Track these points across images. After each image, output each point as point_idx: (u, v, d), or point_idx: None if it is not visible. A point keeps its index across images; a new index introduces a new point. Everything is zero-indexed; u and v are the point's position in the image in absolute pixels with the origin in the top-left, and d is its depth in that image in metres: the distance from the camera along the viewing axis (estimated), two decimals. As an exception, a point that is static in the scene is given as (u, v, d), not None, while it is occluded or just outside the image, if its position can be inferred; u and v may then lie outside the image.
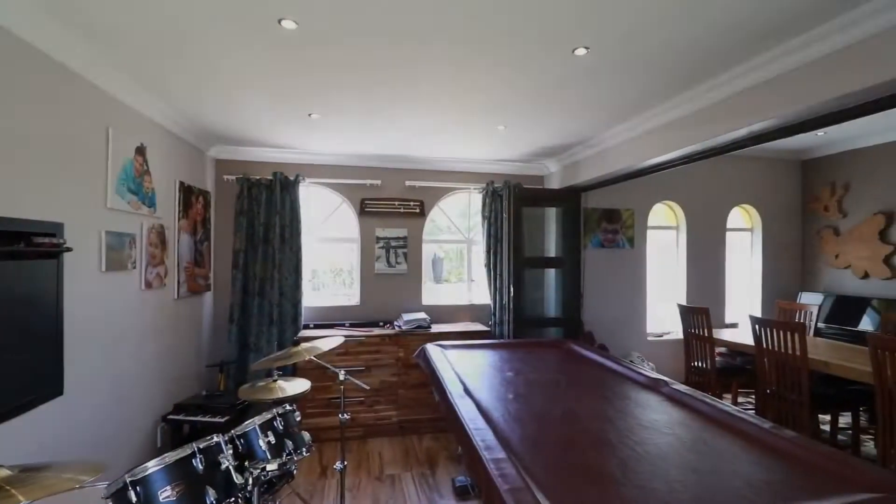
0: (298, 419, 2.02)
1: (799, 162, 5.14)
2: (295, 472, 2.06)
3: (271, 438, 1.79)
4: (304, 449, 1.93)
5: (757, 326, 3.23)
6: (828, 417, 3.62)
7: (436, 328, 4.09)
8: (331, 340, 2.39)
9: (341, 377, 2.29)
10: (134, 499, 1.37)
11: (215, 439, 1.60)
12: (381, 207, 4.34)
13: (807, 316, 4.09)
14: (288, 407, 2.02)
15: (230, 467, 1.56)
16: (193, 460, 1.52)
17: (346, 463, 2.35)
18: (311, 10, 1.82)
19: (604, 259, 4.72)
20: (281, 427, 1.88)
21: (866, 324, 4.12)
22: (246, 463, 1.71)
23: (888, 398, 2.48)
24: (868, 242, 4.36)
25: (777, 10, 1.81)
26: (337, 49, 2.14)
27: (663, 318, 4.99)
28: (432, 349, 3.15)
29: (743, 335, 3.84)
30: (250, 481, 1.62)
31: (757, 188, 5.03)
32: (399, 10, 1.81)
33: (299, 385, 2.37)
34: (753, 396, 3.81)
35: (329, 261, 4.62)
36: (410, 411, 3.84)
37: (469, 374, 2.62)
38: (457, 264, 4.88)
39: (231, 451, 1.64)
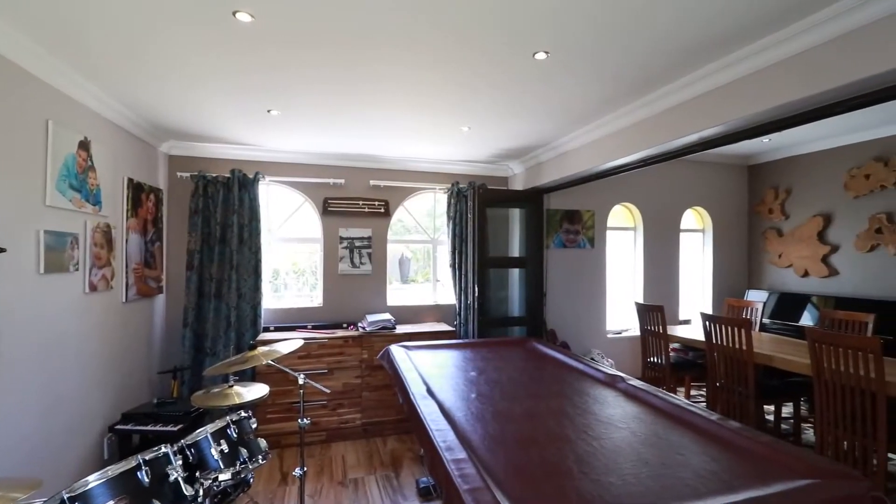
0: (254, 426, 1.96)
1: (746, 167, 5.43)
2: (252, 480, 2.00)
3: (224, 447, 1.72)
4: (259, 456, 1.87)
5: (707, 323, 3.38)
6: (772, 408, 3.84)
7: (401, 329, 4.07)
8: (290, 343, 2.33)
9: (301, 381, 2.24)
10: (71, 516, 1.28)
11: (163, 450, 1.53)
12: (344, 207, 4.27)
13: (753, 312, 4.32)
14: (243, 413, 1.95)
15: (179, 479, 1.49)
16: (139, 473, 1.44)
17: (305, 469, 2.29)
18: (266, 4, 1.76)
19: (566, 259, 4.83)
20: (235, 435, 1.81)
21: (807, 319, 4.40)
22: (197, 473, 1.64)
23: (825, 389, 2.65)
24: (808, 243, 4.67)
25: (726, 22, 1.90)
26: (295, 46, 2.09)
27: (622, 315, 5.16)
28: (396, 350, 3.12)
29: (695, 331, 4.02)
30: (201, 492, 1.55)
31: (708, 191, 5.29)
32: (357, 7, 1.79)
33: (257, 390, 2.30)
34: (705, 389, 3.99)
35: (291, 261, 4.51)
36: (375, 413, 3.79)
37: (432, 375, 2.61)
38: (424, 265, 4.87)
39: (180, 462, 1.56)
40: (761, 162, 5.24)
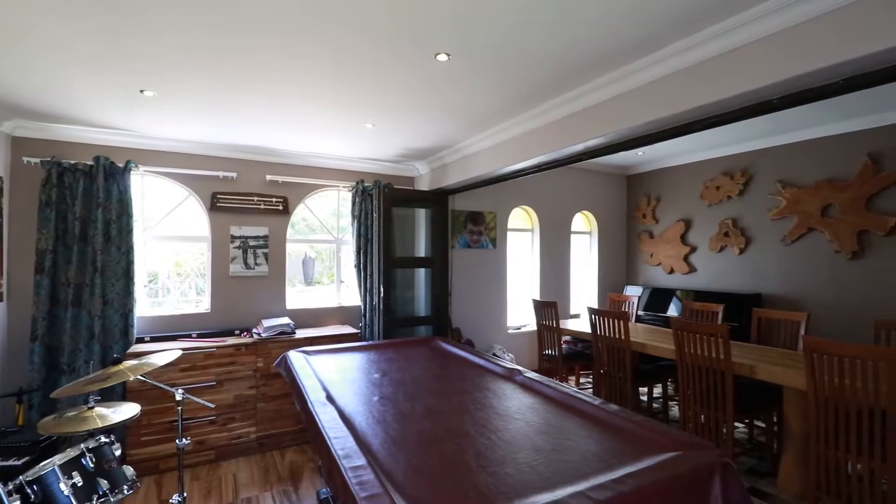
0: (118, 452, 1.70)
1: (625, 176, 6.08)
2: (117, 514, 1.74)
3: (77, 479, 1.47)
4: (125, 486, 1.63)
5: (593, 316, 3.71)
6: (646, 389, 4.33)
7: (301, 333, 3.85)
8: (165, 355, 2.07)
9: (178, 397, 2.00)
10: None
11: (-9, 491, 1.26)
12: (236, 203, 3.93)
13: (630, 305, 4.84)
14: (103, 439, 1.68)
15: (13, 524, 1.24)
16: (-46, 523, 1.17)
17: (186, 494, 2.05)
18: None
19: (470, 259, 4.97)
20: (91, 464, 1.56)
21: (672, 310, 5.04)
22: (41, 514, 1.37)
23: (685, 370, 3.05)
24: (673, 244, 5.35)
25: (610, 44, 2.08)
26: (166, 13, 1.86)
27: (521, 312, 5.45)
28: (294, 356, 2.95)
29: (583, 324, 4.38)
30: (46, 536, 1.30)
31: (594, 197, 5.82)
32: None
33: (125, 411, 2.01)
34: (592, 376, 4.37)
35: (174, 262, 4.04)
36: (271, 425, 3.54)
37: (333, 380, 2.51)
38: (330, 265, 4.67)
39: (18, 503, 1.30)
40: (637, 172, 5.90)
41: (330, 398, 2.16)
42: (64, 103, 2.84)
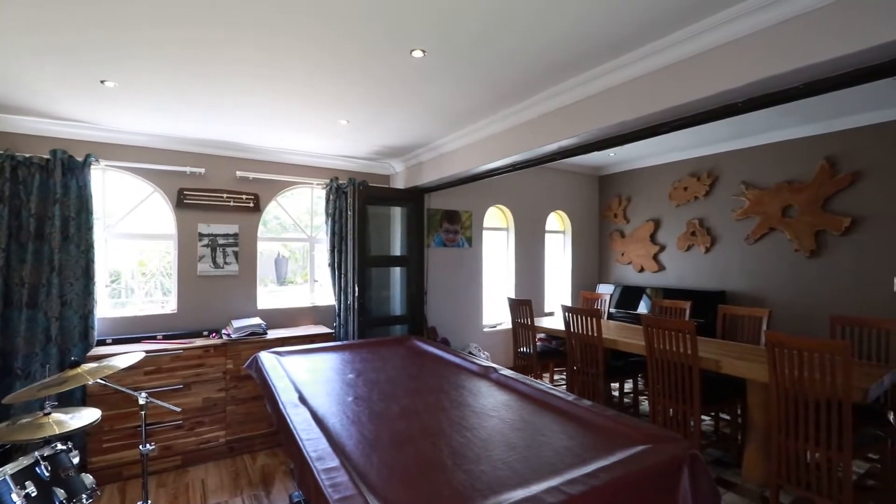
0: (76, 460, 1.62)
1: (597, 177, 6.20)
2: (75, 525, 1.65)
3: (32, 489, 1.39)
4: (84, 495, 1.55)
5: (566, 314, 3.76)
6: (617, 385, 4.43)
7: (274, 334, 3.76)
8: (128, 357, 1.98)
9: (141, 401, 1.92)
10: None
11: (-67, 506, 1.17)
12: (205, 199, 3.80)
13: (602, 303, 4.94)
14: (59, 446, 1.60)
15: (-42, 539, 1.16)
16: None
17: (150, 502, 1.97)
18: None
19: (446, 258, 4.97)
20: (47, 473, 1.47)
21: (642, 308, 5.17)
22: (-11, 528, 1.29)
23: (655, 365, 3.13)
24: (643, 243, 5.49)
25: (576, 47, 2.11)
26: (129, 5, 1.78)
27: (497, 310, 5.49)
28: (266, 357, 2.88)
29: (557, 322, 4.44)
30: (-5, 551, 1.23)
31: (568, 197, 5.92)
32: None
33: (85, 416, 1.91)
34: (566, 373, 4.44)
35: (138, 261, 3.88)
36: (242, 428, 3.45)
37: (306, 381, 2.46)
38: (303, 264, 4.58)
39: (-38, 517, 1.22)
40: (609, 173, 6.03)
41: (303, 399, 2.12)
42: (17, 93, 2.68)
